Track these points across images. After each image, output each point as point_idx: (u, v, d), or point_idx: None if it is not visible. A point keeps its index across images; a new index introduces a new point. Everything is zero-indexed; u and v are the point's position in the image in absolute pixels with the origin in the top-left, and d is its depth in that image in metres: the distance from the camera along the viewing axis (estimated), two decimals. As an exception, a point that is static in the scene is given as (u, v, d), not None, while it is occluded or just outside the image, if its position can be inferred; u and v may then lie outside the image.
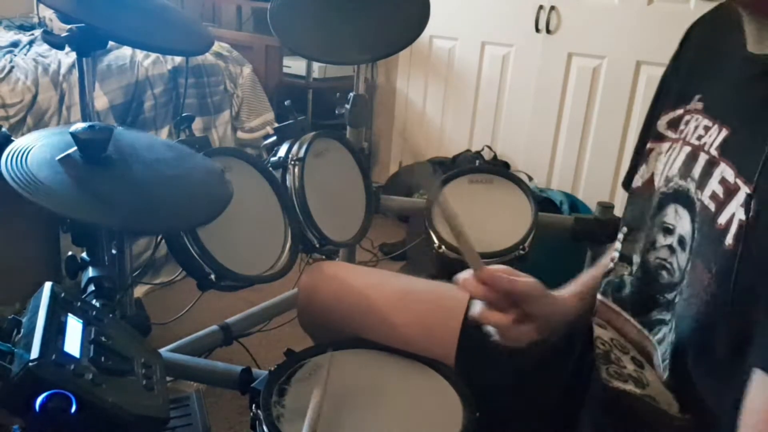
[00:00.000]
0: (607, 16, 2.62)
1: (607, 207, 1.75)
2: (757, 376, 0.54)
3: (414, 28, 1.60)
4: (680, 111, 0.76)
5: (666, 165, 0.75)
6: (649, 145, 0.81)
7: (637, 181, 0.81)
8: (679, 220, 0.70)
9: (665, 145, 0.78)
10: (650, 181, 0.78)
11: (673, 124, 0.77)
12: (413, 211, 2.17)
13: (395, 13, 1.63)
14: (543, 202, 2.35)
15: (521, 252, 1.42)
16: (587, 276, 0.92)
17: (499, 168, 2.47)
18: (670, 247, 0.71)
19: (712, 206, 0.64)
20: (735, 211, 0.61)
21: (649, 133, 0.82)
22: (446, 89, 3.14)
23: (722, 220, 0.62)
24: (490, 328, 0.78)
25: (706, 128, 0.69)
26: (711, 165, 0.66)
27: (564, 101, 2.79)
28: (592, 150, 2.76)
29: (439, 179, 1.28)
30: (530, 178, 2.79)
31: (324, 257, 1.42)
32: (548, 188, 2.71)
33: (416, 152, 3.21)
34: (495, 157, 2.98)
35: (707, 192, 0.66)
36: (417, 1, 1.60)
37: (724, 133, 0.66)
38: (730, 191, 0.62)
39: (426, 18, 1.59)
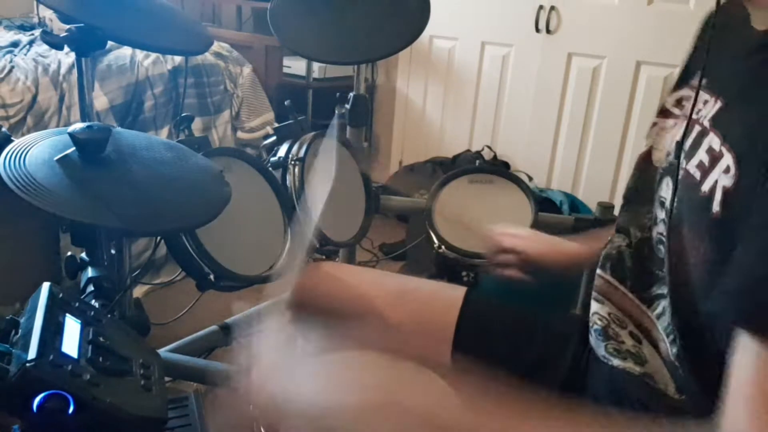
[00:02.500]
0: (607, 16, 2.61)
1: (607, 207, 1.75)
2: (743, 339, 0.51)
3: (414, 28, 1.59)
4: (686, 88, 0.77)
5: (669, 142, 0.76)
6: (654, 120, 0.82)
7: (639, 153, 0.83)
8: (668, 192, 0.71)
9: (670, 122, 0.78)
10: (648, 153, 0.80)
11: (680, 102, 0.78)
12: (413, 211, 2.17)
13: (395, 13, 1.63)
14: (543, 202, 2.35)
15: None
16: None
17: (499, 168, 2.47)
18: (664, 221, 0.71)
19: (697, 174, 0.65)
20: (718, 178, 0.61)
21: None
22: (446, 89, 3.14)
23: (706, 188, 0.62)
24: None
25: (705, 102, 0.70)
26: (701, 135, 0.67)
27: (564, 101, 2.79)
28: (592, 150, 2.76)
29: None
30: (530, 178, 2.79)
31: (324, 257, 1.42)
32: (548, 188, 2.71)
33: (416, 152, 3.21)
34: (495, 157, 2.98)
35: (694, 161, 0.66)
36: (417, 1, 1.60)
37: (719, 105, 0.67)
38: (715, 159, 0.63)
39: (426, 18, 1.59)
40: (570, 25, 2.70)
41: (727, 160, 0.61)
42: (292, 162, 1.34)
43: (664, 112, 0.80)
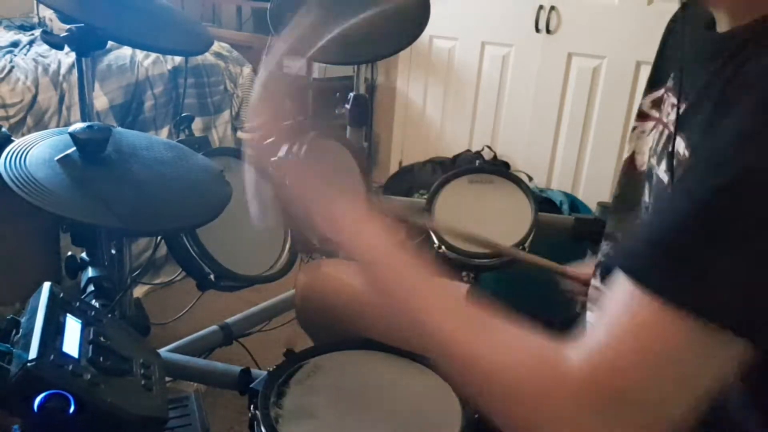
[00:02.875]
0: (607, 16, 2.61)
1: (607, 207, 1.75)
2: (622, 279, 0.51)
3: (414, 28, 1.59)
4: (661, 91, 0.77)
5: (652, 144, 0.76)
6: (633, 124, 0.82)
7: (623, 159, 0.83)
8: (647, 196, 0.71)
9: (649, 124, 0.79)
10: (631, 159, 0.80)
11: (657, 104, 0.78)
12: (413, 211, 2.17)
13: (395, 13, 1.63)
14: (543, 202, 2.34)
15: (521, 252, 1.42)
16: None
17: (499, 168, 2.46)
18: None
19: (665, 178, 0.65)
20: None
21: None
22: (446, 89, 3.14)
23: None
24: None
25: (672, 105, 0.70)
26: (669, 139, 0.67)
27: (564, 101, 2.79)
28: (592, 150, 2.76)
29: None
30: (530, 178, 2.79)
31: (324, 257, 1.42)
32: (548, 188, 2.71)
33: (416, 152, 3.21)
34: (495, 157, 2.98)
35: (662, 166, 0.67)
36: (417, 1, 1.60)
37: (683, 107, 0.67)
38: (680, 162, 0.63)
39: (426, 18, 1.59)
40: (570, 25, 2.71)
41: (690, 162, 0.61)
42: (293, 162, 1.34)
43: (642, 115, 0.81)
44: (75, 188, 0.79)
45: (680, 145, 0.64)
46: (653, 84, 0.80)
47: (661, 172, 0.66)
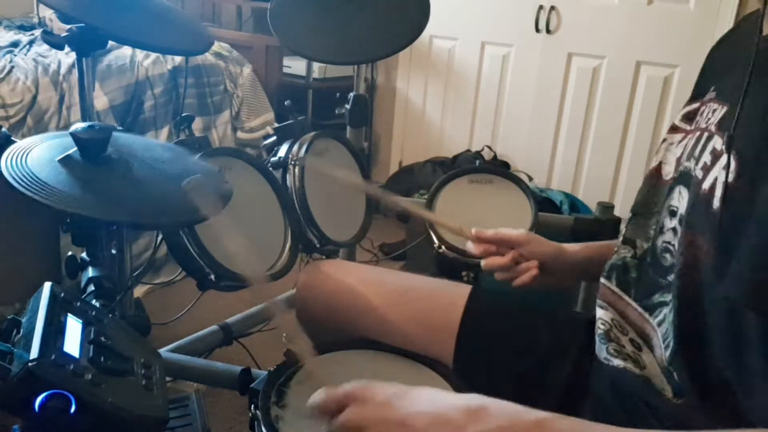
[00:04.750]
0: (607, 16, 2.62)
1: (607, 207, 1.75)
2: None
3: (414, 28, 1.60)
4: (697, 104, 0.78)
5: (680, 154, 0.77)
6: (664, 136, 0.83)
7: (648, 169, 0.83)
8: (681, 200, 0.72)
9: (677, 136, 0.79)
10: (657, 169, 0.80)
11: (690, 117, 0.79)
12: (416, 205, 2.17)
13: (395, 13, 1.63)
14: (543, 202, 2.35)
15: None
16: (596, 244, 1.01)
17: (499, 168, 2.47)
18: (674, 230, 0.72)
19: (700, 175, 0.66)
20: (717, 175, 0.62)
21: None
22: (446, 89, 3.14)
23: (706, 185, 0.64)
24: (499, 274, 0.98)
25: (713, 111, 0.71)
26: (708, 140, 0.68)
27: (564, 101, 2.79)
28: (592, 150, 2.76)
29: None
30: (530, 178, 2.79)
31: (324, 257, 1.42)
32: (548, 188, 2.71)
33: (416, 152, 3.21)
34: (495, 157, 2.98)
35: (700, 164, 0.67)
36: (417, 1, 1.60)
37: (725, 109, 0.68)
38: (716, 158, 0.64)
39: (426, 18, 1.59)
40: (570, 25, 2.71)
41: (728, 157, 0.61)
42: (292, 162, 1.34)
43: (673, 128, 0.82)
44: (79, 186, 0.79)
45: (717, 143, 0.65)
46: (691, 99, 0.82)
47: (698, 170, 0.67)
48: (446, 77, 3.12)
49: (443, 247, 1.41)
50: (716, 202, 0.61)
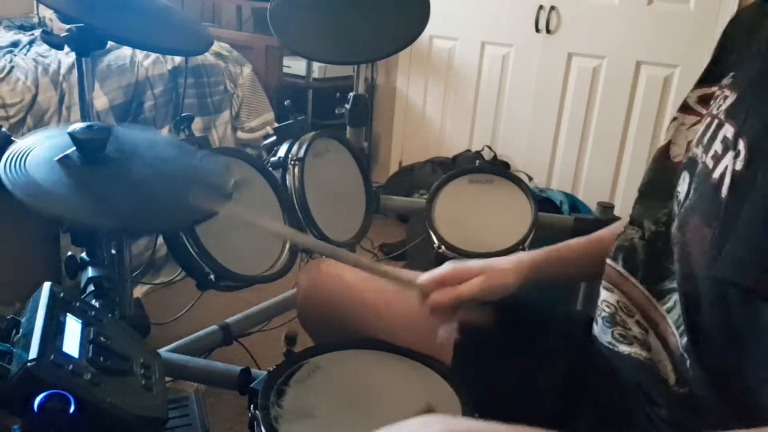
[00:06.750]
0: (607, 16, 2.62)
1: (607, 207, 1.75)
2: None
3: (414, 28, 1.60)
4: (714, 88, 0.78)
5: (691, 138, 0.77)
6: (675, 114, 0.82)
7: (656, 148, 0.83)
8: (684, 185, 0.72)
9: (690, 118, 0.79)
10: (666, 148, 0.80)
11: (704, 100, 0.78)
12: (413, 211, 2.17)
13: (395, 13, 1.63)
14: (543, 202, 2.34)
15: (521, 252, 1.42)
16: (560, 246, 0.95)
17: (499, 168, 2.47)
18: (678, 214, 0.72)
19: (710, 164, 0.66)
20: (728, 164, 0.62)
21: None
22: (446, 89, 3.14)
23: (716, 174, 0.64)
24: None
25: (726, 98, 0.71)
26: (718, 128, 0.68)
27: (564, 101, 2.79)
28: (592, 150, 2.76)
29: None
30: (530, 178, 2.79)
31: (324, 257, 1.42)
32: (548, 188, 2.71)
33: (416, 152, 3.21)
34: (495, 157, 2.98)
35: (710, 153, 0.67)
36: (417, 1, 1.60)
37: (734, 96, 0.68)
38: (727, 147, 0.64)
39: (426, 18, 1.59)
40: (570, 25, 2.71)
41: (739, 146, 0.62)
42: (292, 162, 1.34)
43: (685, 108, 0.81)
44: (74, 189, 0.79)
45: (728, 132, 0.65)
46: (705, 80, 0.80)
47: (708, 159, 0.67)
48: (446, 77, 3.12)
49: (443, 247, 1.41)
50: (725, 191, 0.62)
